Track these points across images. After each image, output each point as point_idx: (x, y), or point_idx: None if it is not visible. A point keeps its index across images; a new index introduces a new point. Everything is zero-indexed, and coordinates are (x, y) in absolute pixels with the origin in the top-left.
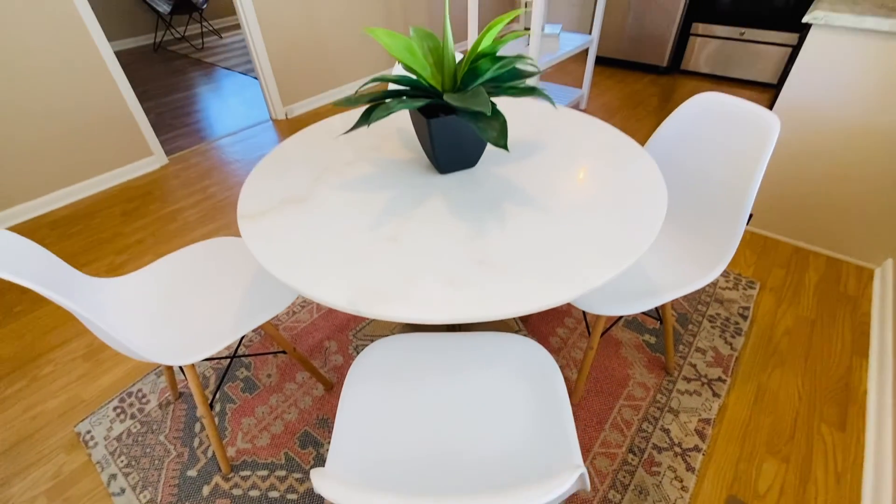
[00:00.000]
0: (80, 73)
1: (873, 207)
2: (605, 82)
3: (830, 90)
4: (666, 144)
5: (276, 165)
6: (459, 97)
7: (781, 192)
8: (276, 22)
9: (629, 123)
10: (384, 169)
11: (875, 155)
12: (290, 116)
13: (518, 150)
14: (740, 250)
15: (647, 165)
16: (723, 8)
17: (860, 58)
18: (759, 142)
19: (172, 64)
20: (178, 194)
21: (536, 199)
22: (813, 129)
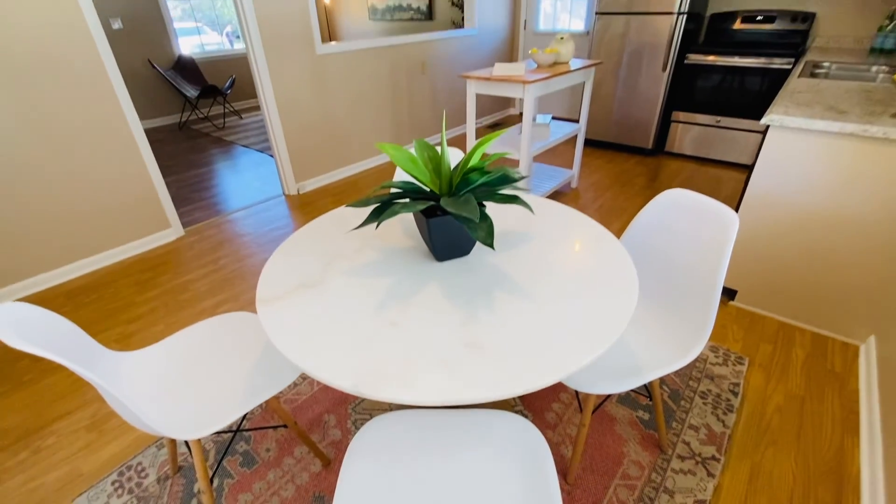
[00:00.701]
0: (112, 151)
1: (850, 286)
2: (595, 162)
3: (791, 179)
4: (642, 232)
5: (294, 250)
6: (453, 202)
7: (763, 269)
8: (292, 105)
9: (618, 202)
10: (388, 256)
11: (841, 237)
12: (301, 192)
13: (508, 239)
14: (728, 326)
15: (622, 257)
16: (699, 99)
17: (813, 153)
18: (723, 235)
19: (195, 141)
20: (191, 265)
21: (523, 287)
22: (783, 212)
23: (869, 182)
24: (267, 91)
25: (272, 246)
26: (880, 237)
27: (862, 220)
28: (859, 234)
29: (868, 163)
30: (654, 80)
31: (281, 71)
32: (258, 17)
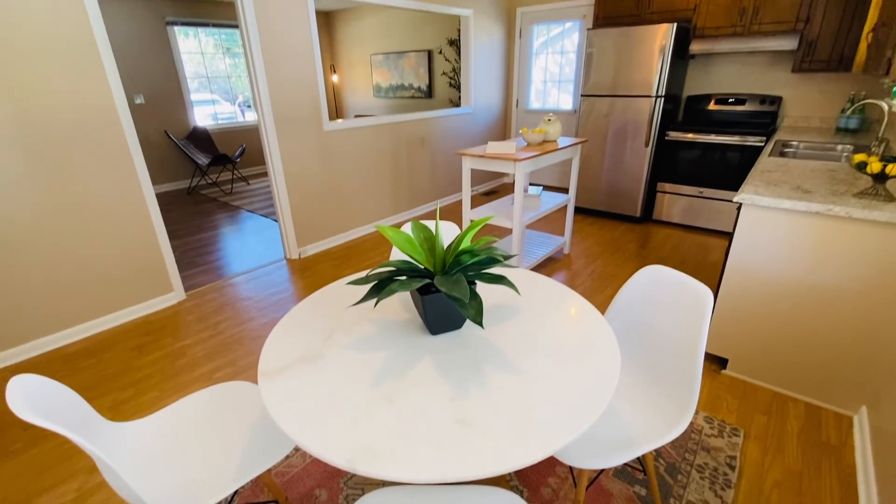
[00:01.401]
0: (124, 217)
1: (836, 356)
2: (586, 229)
3: (767, 252)
4: (626, 306)
5: (296, 322)
6: (446, 281)
7: (752, 338)
8: (299, 174)
9: (609, 268)
10: (384, 329)
11: (821, 309)
12: (302, 256)
13: (498, 312)
14: (722, 396)
15: (605, 332)
16: (681, 171)
17: (784, 230)
18: (699, 309)
19: (202, 206)
20: (190, 329)
21: (511, 361)
22: (763, 283)
23: (839, 257)
24: (276, 161)
25: (271, 311)
26: (858, 310)
27: (838, 294)
28: (837, 306)
29: (835, 240)
30: (638, 154)
31: (289, 143)
32: (271, 95)
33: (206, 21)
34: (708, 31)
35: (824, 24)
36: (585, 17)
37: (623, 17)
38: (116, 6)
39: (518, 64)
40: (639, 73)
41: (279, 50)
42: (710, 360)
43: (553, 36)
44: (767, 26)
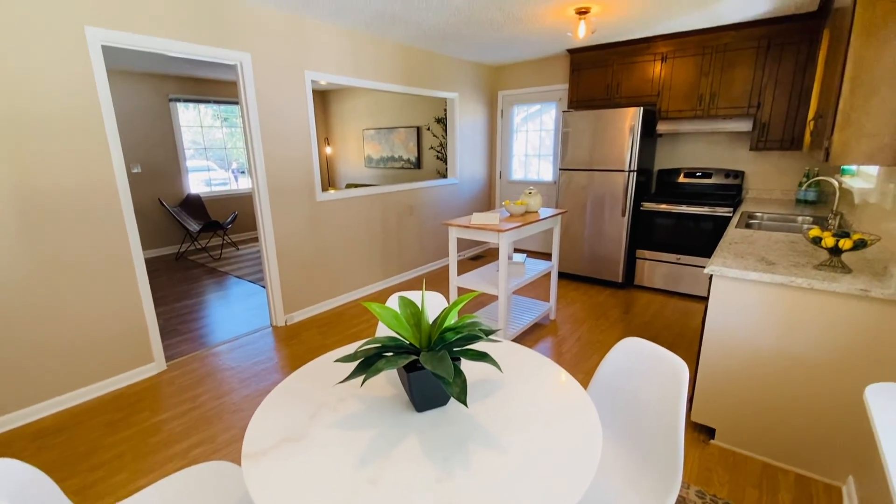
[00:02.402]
0: (110, 285)
1: (819, 425)
2: (571, 294)
3: (740, 321)
4: (608, 377)
5: (282, 400)
6: (431, 358)
7: (735, 407)
8: (289, 241)
9: (594, 335)
10: (370, 406)
11: (797, 377)
12: (289, 323)
13: (484, 387)
14: (712, 468)
15: (587, 408)
16: (657, 239)
17: (753, 299)
18: (676, 382)
19: (190, 272)
20: (168, 402)
21: (496, 438)
22: (740, 351)
23: (808, 326)
24: (267, 230)
25: (254, 381)
26: (832, 379)
27: (811, 362)
28: (813, 374)
29: (802, 309)
30: (616, 223)
31: (282, 213)
32: (267, 168)
33: (208, 98)
34: (672, 114)
35: (774, 109)
36: (561, 100)
37: (595, 101)
38: (124, 82)
39: (500, 139)
40: (612, 150)
41: (276, 126)
42: (698, 429)
43: (532, 113)
44: (724, 110)
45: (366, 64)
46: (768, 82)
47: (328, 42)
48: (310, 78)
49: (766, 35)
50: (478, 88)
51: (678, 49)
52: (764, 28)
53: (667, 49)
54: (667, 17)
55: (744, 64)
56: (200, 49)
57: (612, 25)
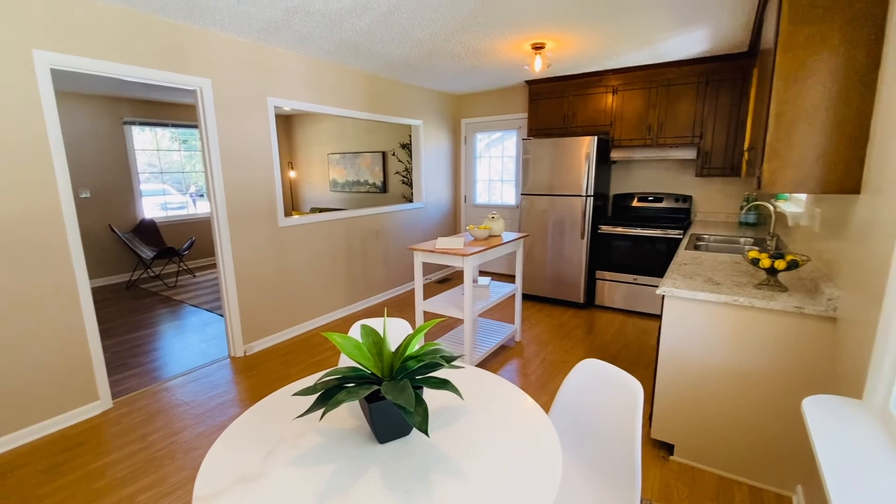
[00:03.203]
0: (52, 318)
1: (768, 438)
2: (535, 315)
3: (692, 339)
4: (569, 399)
5: (237, 437)
6: (393, 388)
7: (691, 422)
8: (249, 268)
9: (559, 355)
10: (331, 440)
11: (746, 391)
12: (248, 353)
13: (446, 416)
14: (672, 484)
15: (547, 431)
16: (615, 261)
17: (702, 318)
18: (632, 402)
19: (142, 301)
20: (114, 444)
21: (458, 467)
22: (694, 368)
23: (751, 342)
24: (226, 256)
25: (210, 417)
26: (776, 392)
27: (757, 377)
28: (759, 389)
29: (746, 326)
30: (575, 245)
31: (242, 238)
32: (227, 192)
33: (163, 122)
34: (624, 142)
35: (714, 139)
36: (521, 128)
37: (552, 129)
38: (75, 104)
39: (464, 164)
40: (570, 176)
41: (237, 151)
42: (658, 446)
43: (494, 139)
44: (671, 140)
45: (330, 91)
46: (709, 115)
47: (292, 69)
48: (273, 104)
49: (705, 72)
50: (442, 116)
51: (627, 82)
52: (702, 66)
53: (617, 82)
54: (615, 53)
55: (686, 97)
56: (158, 74)
57: (566, 60)
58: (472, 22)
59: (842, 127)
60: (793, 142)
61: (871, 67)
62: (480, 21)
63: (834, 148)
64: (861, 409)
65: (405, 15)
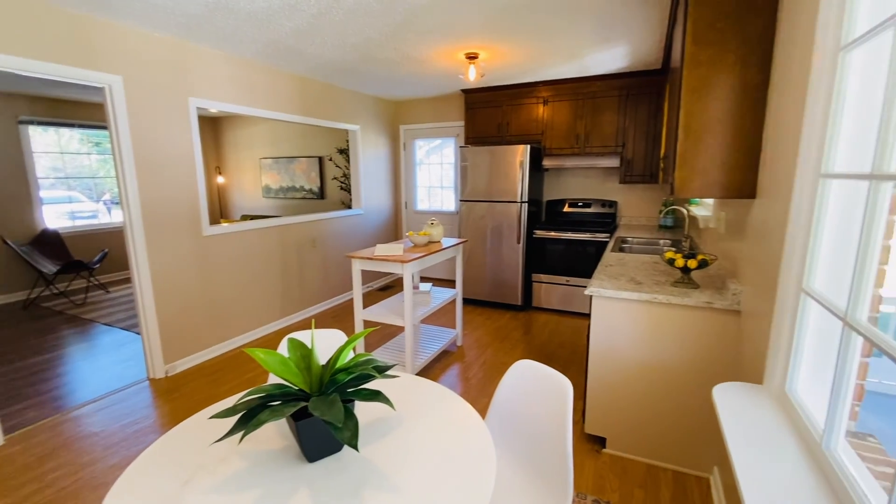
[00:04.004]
0: None
1: (688, 424)
2: (476, 319)
3: (619, 335)
4: (505, 400)
5: (150, 467)
6: (320, 404)
7: (621, 415)
8: (170, 281)
9: (499, 357)
10: (256, 462)
11: (667, 382)
12: (170, 374)
13: (380, 428)
14: (605, 476)
15: (483, 436)
16: (549, 264)
17: (627, 315)
18: (563, 399)
19: (43, 322)
20: (5, 486)
21: (392, 480)
22: (621, 363)
23: (669, 337)
24: (142, 269)
25: (123, 447)
26: (692, 382)
27: (674, 368)
28: (677, 379)
29: (664, 322)
30: (512, 250)
31: (161, 248)
32: (143, 199)
33: (70, 122)
34: (555, 151)
35: (635, 148)
36: (459, 136)
37: (488, 137)
38: None
39: (404, 171)
40: (505, 183)
41: (155, 154)
42: (592, 440)
43: (435, 146)
44: (597, 148)
45: (261, 93)
46: (630, 125)
47: (218, 69)
48: (195, 105)
49: (625, 86)
50: (380, 122)
51: (557, 94)
52: (623, 80)
53: (547, 93)
54: (545, 66)
55: (610, 109)
56: (58, 69)
57: (499, 70)
58: (406, 29)
59: (740, 138)
60: (699, 151)
61: (762, 85)
62: (414, 28)
63: (734, 157)
64: (762, 393)
65: (337, 19)
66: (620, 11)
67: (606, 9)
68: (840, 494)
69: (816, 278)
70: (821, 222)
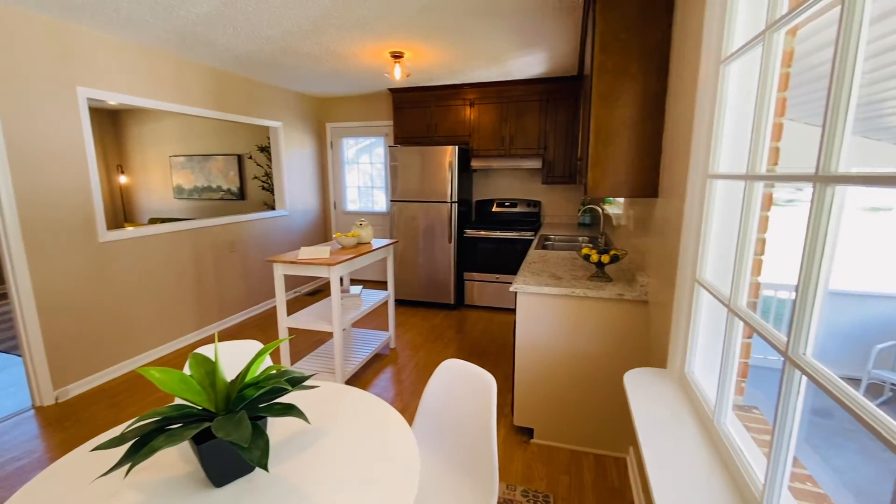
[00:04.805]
0: None
1: (605, 408)
2: (409, 321)
3: (542, 329)
4: (433, 400)
5: None
6: (225, 424)
7: (547, 405)
8: (58, 295)
9: (432, 356)
10: (154, 494)
11: (585, 370)
12: (62, 400)
13: (299, 442)
14: (533, 465)
15: (407, 443)
16: (480, 262)
17: (548, 309)
18: (487, 395)
19: None
20: None
21: (309, 498)
22: (545, 355)
23: (587, 328)
24: (21, 281)
25: (2, 489)
26: (607, 368)
27: (592, 356)
28: (595, 367)
29: (582, 314)
30: (444, 249)
31: (46, 258)
32: (19, 198)
33: None
34: (482, 152)
35: (556, 151)
36: (388, 135)
37: (417, 138)
38: None
39: (332, 170)
40: (435, 183)
41: (35, 149)
42: (520, 432)
43: (365, 146)
44: (521, 150)
45: (169, 85)
46: (551, 129)
47: (113, 57)
48: (85, 95)
49: (546, 91)
50: (304, 119)
51: (483, 97)
52: (544, 85)
53: (474, 96)
54: (470, 68)
55: (532, 113)
56: None
57: (425, 71)
58: (326, 23)
59: (644, 142)
60: (609, 154)
61: (661, 93)
62: (335, 23)
63: (639, 159)
64: (666, 377)
65: (248, 8)
66: (537, 19)
67: (523, 16)
68: (729, 465)
69: (707, 269)
70: (710, 219)
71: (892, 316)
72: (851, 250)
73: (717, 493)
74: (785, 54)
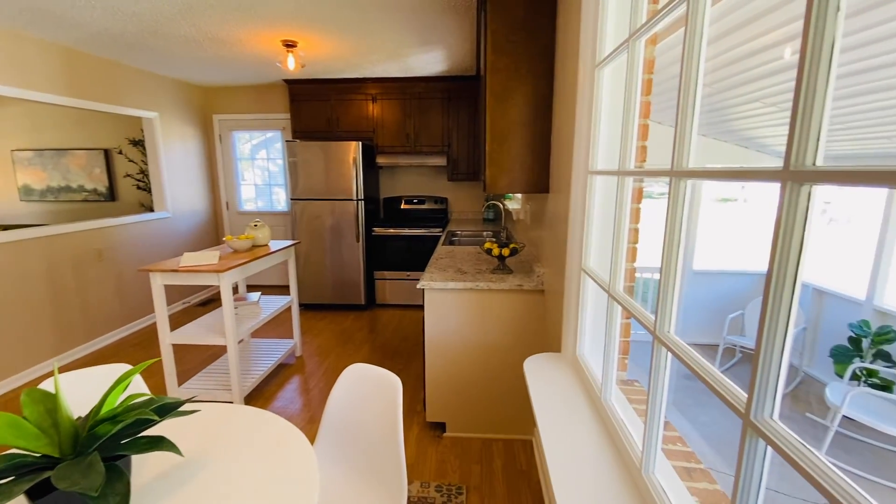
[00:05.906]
0: None
1: (511, 394)
2: (317, 325)
3: (450, 323)
4: (338, 407)
5: None
6: (70, 472)
7: (458, 398)
8: None
9: (342, 360)
10: None
11: (492, 359)
12: None
13: (178, 477)
14: (446, 459)
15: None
16: (390, 260)
17: (455, 303)
18: (394, 395)
19: None
20: None
21: None
22: (453, 348)
23: (492, 319)
24: None
25: None
26: (511, 355)
27: (498, 347)
28: (501, 355)
29: (487, 306)
30: (352, 248)
31: None
32: None
33: None
34: (387, 149)
35: (459, 148)
36: (285, 129)
37: (318, 133)
38: None
39: (223, 167)
40: (339, 180)
41: None
42: (433, 428)
43: (262, 140)
44: (426, 147)
45: (4, 65)
46: (454, 127)
47: None
48: None
49: (448, 89)
50: (186, 110)
51: (385, 92)
52: (446, 83)
53: (376, 91)
54: (368, 62)
55: (435, 110)
56: None
57: (322, 62)
58: (203, 3)
59: (535, 141)
60: (504, 152)
61: (549, 94)
62: (213, 3)
63: (532, 157)
64: (561, 360)
65: None
66: (434, 16)
67: (420, 11)
68: (614, 438)
69: (591, 258)
70: (591, 212)
71: (740, 289)
72: (709, 234)
73: (604, 464)
74: (647, 62)
